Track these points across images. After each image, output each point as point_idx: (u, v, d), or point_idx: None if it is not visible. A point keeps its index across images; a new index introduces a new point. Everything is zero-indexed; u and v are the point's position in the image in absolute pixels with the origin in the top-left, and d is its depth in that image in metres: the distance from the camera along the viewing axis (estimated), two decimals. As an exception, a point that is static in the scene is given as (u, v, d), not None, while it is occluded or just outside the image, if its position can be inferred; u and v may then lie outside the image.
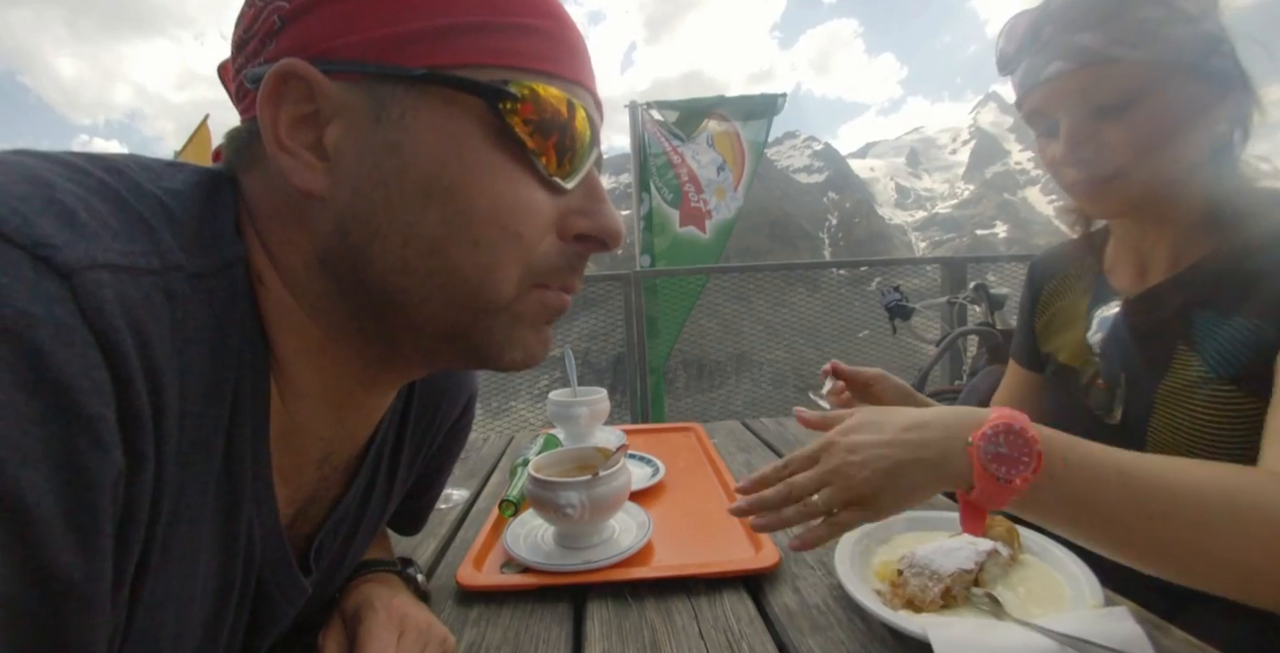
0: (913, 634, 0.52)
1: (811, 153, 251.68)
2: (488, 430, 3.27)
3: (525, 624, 0.59)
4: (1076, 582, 0.58)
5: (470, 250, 0.36)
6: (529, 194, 0.38)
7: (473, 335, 0.39)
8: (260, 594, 0.42)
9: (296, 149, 0.35)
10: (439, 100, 0.35)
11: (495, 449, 1.25)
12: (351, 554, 0.55)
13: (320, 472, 0.46)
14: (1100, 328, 0.77)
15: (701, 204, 3.47)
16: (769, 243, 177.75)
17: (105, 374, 0.26)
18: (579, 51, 0.40)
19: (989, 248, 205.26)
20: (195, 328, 0.32)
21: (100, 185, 0.31)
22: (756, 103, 3.62)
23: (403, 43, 0.35)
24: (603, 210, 0.41)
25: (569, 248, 0.41)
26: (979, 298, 2.24)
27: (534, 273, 0.39)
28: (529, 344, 0.41)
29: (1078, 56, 0.63)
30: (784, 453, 1.11)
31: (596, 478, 0.68)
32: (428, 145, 0.35)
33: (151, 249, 0.30)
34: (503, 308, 0.39)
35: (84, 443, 0.25)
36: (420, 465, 0.61)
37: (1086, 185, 0.68)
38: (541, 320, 0.42)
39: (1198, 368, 0.65)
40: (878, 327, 3.04)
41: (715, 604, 0.61)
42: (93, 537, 0.25)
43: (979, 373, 1.98)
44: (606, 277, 3.24)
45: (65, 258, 0.26)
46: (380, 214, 0.35)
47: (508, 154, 0.37)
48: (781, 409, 4.32)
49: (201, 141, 3.69)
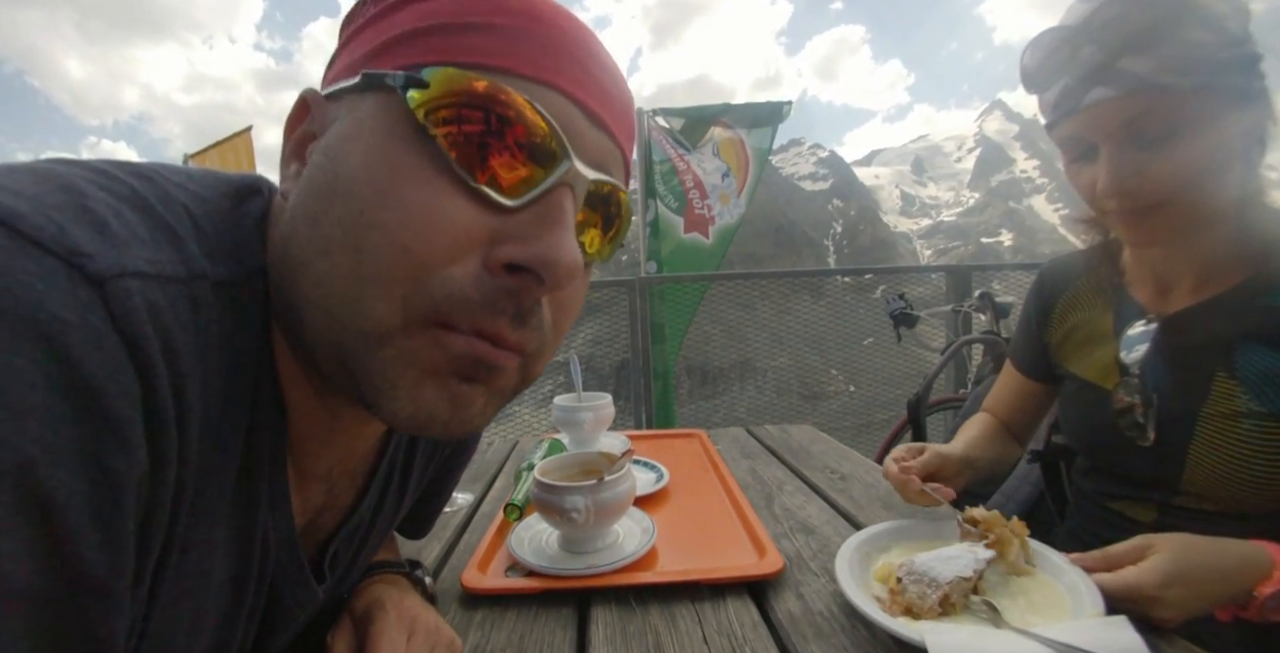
0: (911, 641, 0.52)
1: (816, 160, 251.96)
2: (492, 435, 3.27)
3: (530, 628, 0.60)
4: (1078, 592, 0.58)
5: (353, 257, 0.32)
6: (437, 203, 0.32)
7: (354, 365, 0.33)
8: (272, 600, 0.42)
9: (292, 161, 0.38)
10: (372, 101, 0.34)
11: (500, 454, 1.25)
12: (361, 560, 0.55)
13: (330, 483, 0.46)
14: (1131, 347, 0.74)
15: (706, 210, 3.48)
16: (773, 250, 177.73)
17: (133, 378, 0.27)
18: (552, 49, 0.35)
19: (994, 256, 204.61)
20: (218, 335, 0.32)
21: (131, 193, 0.31)
22: (762, 110, 3.63)
23: (362, 61, 0.36)
24: (546, 236, 0.33)
25: (493, 280, 0.33)
26: (984, 306, 2.24)
27: (430, 300, 0.32)
28: (421, 397, 0.33)
29: (1123, 83, 0.60)
30: (787, 460, 1.12)
31: (602, 483, 0.69)
32: (345, 142, 0.34)
33: (178, 258, 0.31)
34: (383, 337, 0.32)
35: (111, 444, 0.25)
36: (431, 472, 0.61)
37: (1127, 216, 0.66)
38: (446, 370, 0.33)
39: (1244, 400, 0.65)
40: (882, 334, 3.04)
41: (719, 610, 0.61)
42: (117, 535, 0.26)
43: (984, 381, 1.98)
44: (611, 282, 3.25)
45: (97, 267, 0.26)
46: (301, 212, 0.35)
47: (426, 156, 0.32)
48: (785, 416, 4.32)
49: (236, 149, 3.75)
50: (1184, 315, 0.71)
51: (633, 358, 3.07)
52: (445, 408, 0.34)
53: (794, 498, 0.92)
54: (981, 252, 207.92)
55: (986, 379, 1.96)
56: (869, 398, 3.96)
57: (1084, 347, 0.82)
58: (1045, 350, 0.88)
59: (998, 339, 2.09)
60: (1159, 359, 0.72)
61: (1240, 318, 0.67)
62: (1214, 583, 0.57)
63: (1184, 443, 0.69)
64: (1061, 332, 0.86)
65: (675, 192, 3.40)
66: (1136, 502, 0.77)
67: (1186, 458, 0.69)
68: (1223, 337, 0.67)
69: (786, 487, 0.97)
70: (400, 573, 0.61)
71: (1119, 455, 0.76)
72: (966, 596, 0.57)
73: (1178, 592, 0.56)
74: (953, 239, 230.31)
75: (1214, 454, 0.67)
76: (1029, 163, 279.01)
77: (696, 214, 3.46)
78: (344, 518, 0.49)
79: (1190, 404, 0.69)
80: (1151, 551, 0.59)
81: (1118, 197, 0.65)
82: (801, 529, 0.80)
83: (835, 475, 1.02)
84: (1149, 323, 0.74)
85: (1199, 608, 0.56)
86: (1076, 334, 0.84)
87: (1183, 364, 0.70)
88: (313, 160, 0.35)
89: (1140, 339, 0.74)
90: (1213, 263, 0.69)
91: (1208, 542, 0.59)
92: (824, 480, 1.00)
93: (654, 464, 1.02)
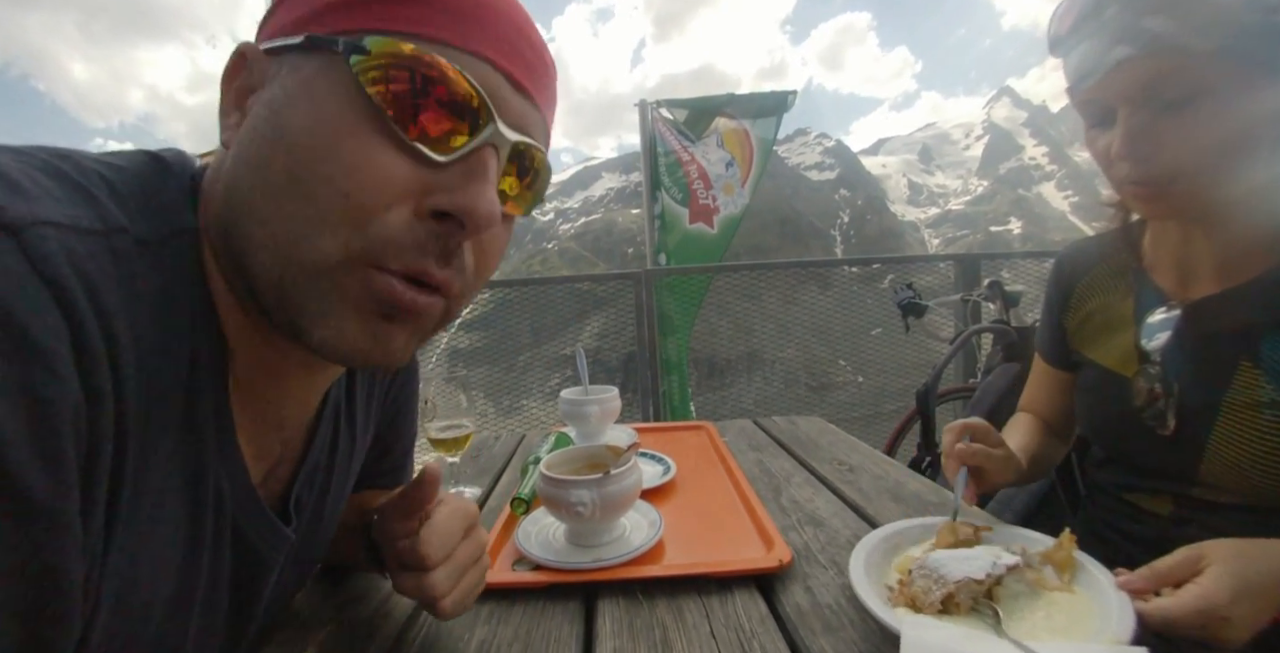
0: (890, 628, 0.51)
1: (822, 150, 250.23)
2: (499, 429, 3.28)
3: (536, 622, 0.60)
4: (1108, 617, 0.53)
5: (301, 204, 0.36)
6: (371, 154, 0.36)
7: (292, 297, 0.37)
8: (240, 545, 0.45)
9: (230, 112, 0.39)
10: (316, 62, 0.37)
11: (506, 448, 1.26)
12: (329, 506, 0.56)
13: (280, 435, 0.48)
14: (1153, 334, 0.73)
15: (710, 200, 3.46)
16: (780, 241, 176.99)
17: (57, 315, 0.28)
18: (483, 23, 0.39)
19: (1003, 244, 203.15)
20: (146, 290, 0.34)
21: (44, 163, 0.33)
22: (766, 100, 3.60)
23: (307, 20, 0.38)
24: (470, 187, 0.38)
25: (423, 226, 0.37)
26: (993, 295, 2.21)
27: (369, 244, 0.36)
28: (346, 329, 0.37)
29: (1145, 42, 0.58)
30: (795, 452, 1.11)
31: (608, 476, 0.68)
32: (291, 99, 0.37)
33: (94, 213, 0.33)
34: (322, 272, 0.36)
35: (41, 374, 0.27)
36: (377, 412, 0.63)
37: (1140, 185, 0.65)
38: (370, 308, 0.38)
39: (1268, 390, 0.64)
40: (890, 324, 3.02)
41: (727, 603, 0.61)
42: (57, 460, 0.28)
43: (993, 371, 1.97)
44: (617, 275, 3.24)
45: (10, 216, 0.28)
46: (243, 161, 0.37)
47: (366, 116, 0.36)
48: (793, 408, 4.31)
49: None
50: (1208, 303, 0.69)
51: (639, 351, 3.07)
52: (367, 341, 0.38)
53: (802, 490, 0.91)
54: (990, 240, 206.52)
55: (996, 369, 1.95)
56: (877, 389, 3.94)
57: (1103, 333, 0.80)
58: (1064, 336, 0.86)
59: (1007, 328, 2.07)
60: (1181, 347, 0.70)
61: (1267, 306, 0.65)
62: (1273, 589, 0.53)
63: (1204, 433, 0.67)
64: (1080, 317, 0.84)
65: (680, 183, 3.38)
66: (1152, 493, 0.75)
67: (1206, 448, 0.67)
68: (1248, 325, 0.66)
69: (794, 479, 0.97)
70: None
71: (1136, 445, 0.74)
72: (975, 598, 0.55)
73: (1246, 607, 0.52)
74: (961, 228, 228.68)
75: (1234, 445, 0.65)
76: (1038, 150, 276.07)
77: (701, 204, 3.44)
78: (298, 466, 0.51)
79: (1212, 393, 0.67)
80: (1204, 562, 0.55)
81: (1131, 161, 0.63)
82: (810, 522, 0.80)
83: (844, 467, 1.01)
84: (1171, 309, 0.72)
85: (1262, 621, 0.53)
86: (1095, 319, 0.82)
87: (1205, 352, 0.68)
88: (254, 112, 0.38)
89: (1162, 326, 0.72)
90: (1238, 248, 0.67)
91: (1257, 545, 0.56)
92: (832, 472, 0.99)
93: (661, 457, 1.02)
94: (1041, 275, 3.18)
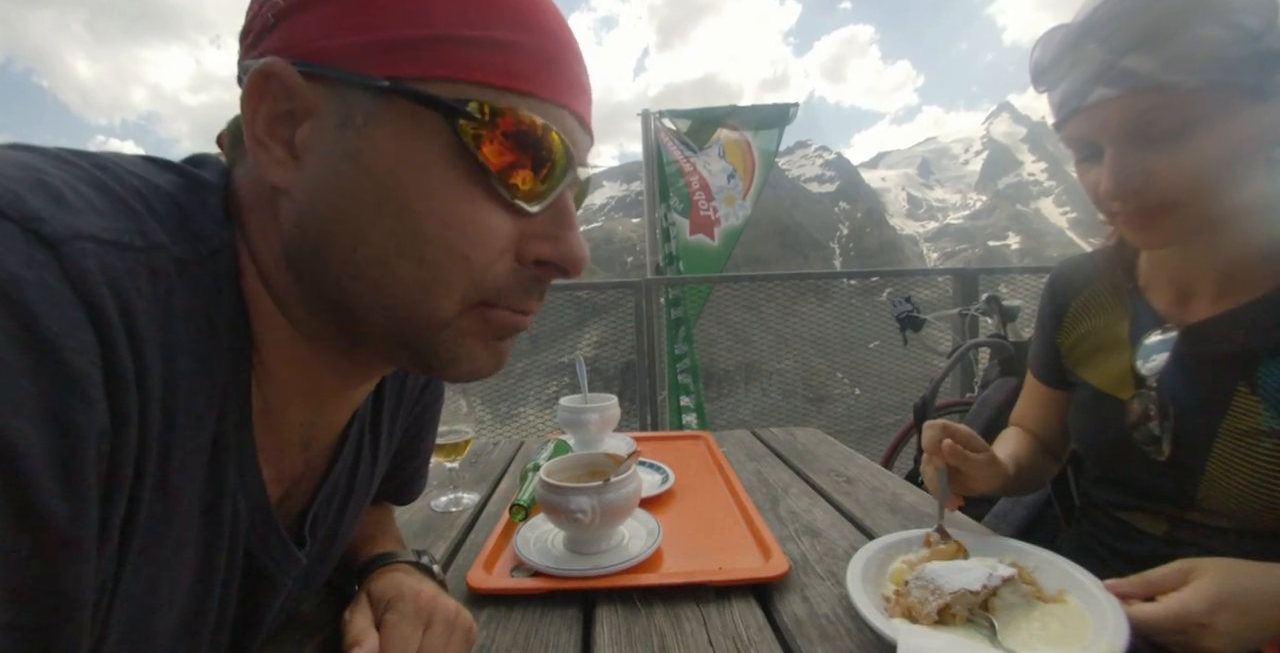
0: (887, 639, 0.52)
1: (823, 162, 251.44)
2: (497, 435, 3.28)
3: (535, 628, 0.60)
4: (1103, 628, 0.54)
5: (415, 267, 0.36)
6: (483, 217, 0.37)
7: (419, 347, 0.39)
8: (253, 567, 0.44)
9: (270, 144, 0.37)
10: (402, 113, 0.35)
11: (505, 454, 1.26)
12: (344, 528, 0.56)
13: (304, 455, 0.48)
14: (1149, 356, 0.71)
15: (711, 212, 3.48)
16: (779, 252, 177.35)
17: (91, 335, 0.27)
18: (562, 69, 0.39)
19: (1001, 259, 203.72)
20: (181, 309, 0.33)
21: (87, 174, 0.33)
22: (768, 112, 3.63)
23: (375, 51, 0.35)
24: (566, 237, 0.40)
25: (525, 272, 0.40)
26: (991, 310, 2.23)
27: (481, 293, 0.39)
28: (477, 358, 0.41)
29: (1125, 82, 0.57)
30: (793, 463, 1.11)
31: (608, 484, 0.69)
32: (385, 157, 0.35)
33: (135, 229, 0.32)
34: (444, 325, 0.39)
35: (71, 397, 0.26)
36: (401, 428, 0.63)
37: (1134, 217, 0.64)
38: (491, 336, 0.41)
39: (1265, 417, 0.62)
40: (888, 338, 3.03)
41: (724, 612, 0.61)
42: (78, 486, 0.27)
43: (991, 385, 1.97)
44: (617, 284, 3.25)
45: (52, 229, 0.28)
46: (335, 217, 0.36)
47: (466, 174, 0.36)
48: (791, 419, 4.30)
49: None
50: (1206, 325, 0.68)
51: (638, 359, 3.07)
52: (491, 362, 0.42)
53: (799, 501, 0.92)
54: (989, 255, 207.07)
55: (993, 383, 1.95)
56: (875, 401, 3.94)
57: (1098, 354, 0.79)
58: (1060, 356, 0.85)
59: (1005, 343, 2.08)
60: (1178, 370, 0.69)
61: (1265, 331, 0.64)
62: (1266, 609, 0.53)
63: (1201, 460, 0.66)
64: (1074, 337, 0.83)
65: (681, 194, 3.40)
66: (1147, 513, 0.74)
67: (1203, 475, 0.66)
68: (1246, 350, 0.64)
69: (792, 489, 0.97)
70: (410, 562, 0.62)
71: (1131, 468, 0.73)
72: (971, 609, 0.56)
73: (1228, 618, 0.52)
74: (960, 242, 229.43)
75: (1231, 473, 0.64)
76: (1037, 165, 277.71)
77: (702, 216, 3.45)
78: (318, 487, 0.50)
79: (1209, 419, 0.66)
80: (1194, 575, 0.55)
81: (1121, 199, 0.63)
82: (807, 532, 0.80)
83: (841, 479, 1.02)
84: (1167, 332, 0.71)
85: (1251, 639, 0.53)
86: (1089, 340, 0.81)
87: (1202, 377, 0.67)
88: (327, 160, 0.36)
89: (1158, 349, 0.71)
90: (1236, 269, 0.66)
91: (1254, 566, 0.56)
92: (830, 484, 0.99)
93: (660, 466, 1.02)
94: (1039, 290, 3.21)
